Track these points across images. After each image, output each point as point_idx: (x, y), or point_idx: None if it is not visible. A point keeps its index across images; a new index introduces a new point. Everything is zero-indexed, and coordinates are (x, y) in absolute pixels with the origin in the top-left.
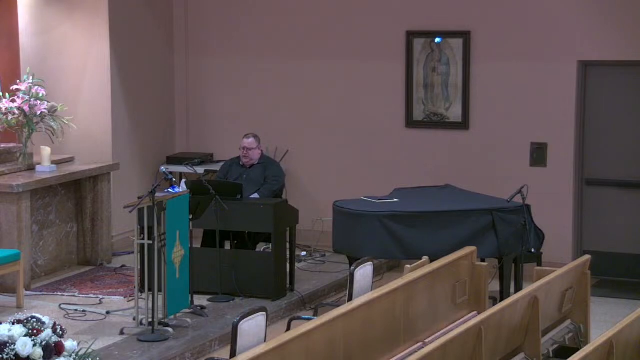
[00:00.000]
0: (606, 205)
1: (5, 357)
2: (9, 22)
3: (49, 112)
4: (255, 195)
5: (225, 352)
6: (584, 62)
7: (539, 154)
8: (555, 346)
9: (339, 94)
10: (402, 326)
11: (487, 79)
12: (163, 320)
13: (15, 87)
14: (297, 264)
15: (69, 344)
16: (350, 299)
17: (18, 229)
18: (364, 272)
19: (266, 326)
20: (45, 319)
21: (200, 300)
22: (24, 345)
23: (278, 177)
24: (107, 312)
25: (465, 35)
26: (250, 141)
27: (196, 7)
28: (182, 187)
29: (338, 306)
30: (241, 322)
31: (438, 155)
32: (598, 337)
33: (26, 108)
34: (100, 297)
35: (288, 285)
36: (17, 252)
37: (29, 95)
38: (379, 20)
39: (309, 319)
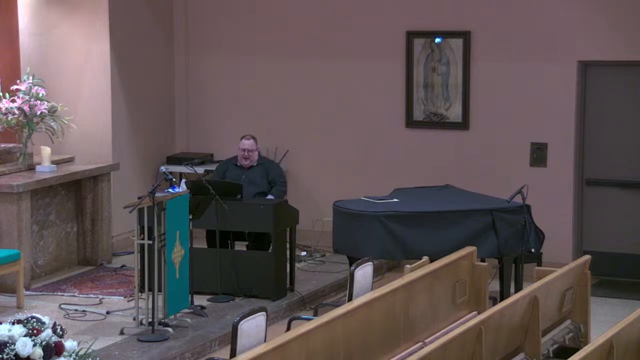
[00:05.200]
0: (606, 205)
1: (5, 357)
2: (9, 22)
3: (49, 112)
4: (271, 197)
5: (225, 352)
6: (584, 62)
7: (539, 154)
8: (555, 346)
9: (339, 94)
10: (402, 326)
11: (487, 79)
12: (163, 320)
13: (15, 87)
14: (297, 264)
15: (69, 344)
16: (350, 299)
17: (18, 229)
18: (364, 272)
19: (266, 326)
20: (45, 319)
21: (200, 300)
22: (24, 345)
23: (284, 178)
24: (107, 312)
25: (465, 35)
26: (250, 143)
27: (196, 6)
28: (182, 187)
29: (338, 306)
30: (241, 322)
31: (438, 155)
32: (598, 337)
33: (26, 108)
34: (100, 297)
35: (288, 285)
36: (17, 252)
37: (29, 95)
38: (379, 20)
39: (309, 319)
